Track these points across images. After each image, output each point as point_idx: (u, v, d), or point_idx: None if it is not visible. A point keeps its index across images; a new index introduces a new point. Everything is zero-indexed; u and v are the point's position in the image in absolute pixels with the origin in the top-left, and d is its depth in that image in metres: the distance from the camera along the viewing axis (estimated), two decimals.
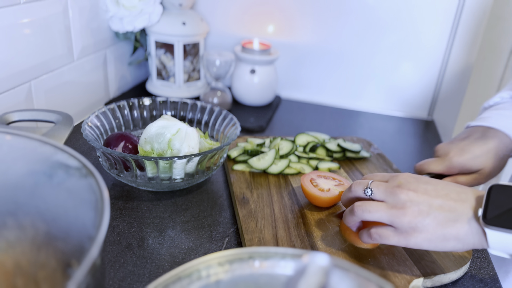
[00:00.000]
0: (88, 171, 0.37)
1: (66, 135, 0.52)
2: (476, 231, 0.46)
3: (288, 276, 0.34)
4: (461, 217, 0.47)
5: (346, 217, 0.56)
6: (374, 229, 0.52)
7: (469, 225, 0.46)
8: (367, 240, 0.53)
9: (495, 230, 0.44)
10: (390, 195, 0.50)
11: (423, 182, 0.50)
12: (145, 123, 0.81)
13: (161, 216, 0.65)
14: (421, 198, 0.49)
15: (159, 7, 0.98)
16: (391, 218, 0.49)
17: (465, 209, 0.47)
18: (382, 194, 0.51)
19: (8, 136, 0.41)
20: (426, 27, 1.04)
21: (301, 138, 0.84)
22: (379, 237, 0.51)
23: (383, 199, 0.51)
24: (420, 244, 0.48)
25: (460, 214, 0.47)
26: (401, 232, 0.49)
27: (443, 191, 0.49)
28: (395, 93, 1.12)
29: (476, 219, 0.46)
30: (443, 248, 0.48)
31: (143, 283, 0.52)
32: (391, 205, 0.50)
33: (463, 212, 0.47)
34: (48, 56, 0.81)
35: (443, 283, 0.55)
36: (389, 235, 0.50)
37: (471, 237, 0.47)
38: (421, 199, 0.49)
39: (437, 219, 0.47)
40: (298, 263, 0.34)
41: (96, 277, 0.32)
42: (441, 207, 0.48)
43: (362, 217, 0.52)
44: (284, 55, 1.15)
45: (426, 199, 0.48)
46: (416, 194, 0.49)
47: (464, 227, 0.47)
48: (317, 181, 0.68)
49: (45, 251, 0.41)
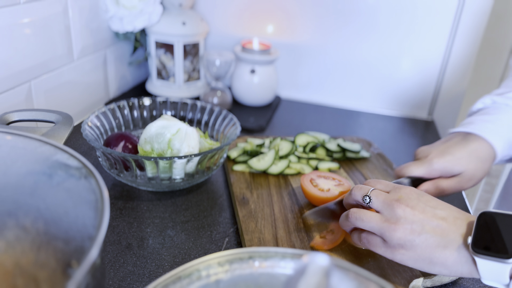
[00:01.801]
0: (88, 171, 0.37)
1: (66, 135, 0.52)
2: (466, 260, 0.45)
3: (288, 276, 0.34)
4: (452, 244, 0.46)
5: (341, 220, 0.56)
6: (365, 234, 0.52)
7: (458, 253, 0.46)
8: (356, 241, 0.54)
9: (484, 259, 0.43)
10: (387, 207, 0.50)
11: (424, 201, 0.50)
12: (145, 123, 0.81)
13: (161, 216, 0.65)
14: (416, 217, 0.48)
15: (159, 7, 0.98)
16: (382, 231, 0.49)
17: (457, 236, 0.46)
18: (380, 205, 0.51)
19: (8, 136, 0.41)
20: (426, 27, 1.04)
21: (301, 138, 0.84)
22: (368, 243, 0.52)
23: (380, 210, 0.51)
24: (406, 261, 0.48)
25: (451, 241, 0.46)
26: (389, 246, 0.49)
27: (442, 213, 0.48)
28: (395, 93, 1.12)
29: (466, 247, 0.45)
30: (429, 270, 0.48)
31: (143, 283, 0.52)
32: (385, 218, 0.49)
33: (455, 239, 0.46)
34: (48, 56, 0.81)
35: (443, 283, 0.55)
36: (377, 244, 0.51)
37: (459, 266, 0.46)
38: (416, 218, 0.48)
39: (427, 241, 0.47)
40: (298, 263, 0.34)
41: (96, 277, 0.32)
42: (434, 230, 0.47)
43: (355, 224, 0.52)
44: (284, 55, 1.15)
45: (421, 219, 0.48)
46: (413, 212, 0.48)
47: (453, 254, 0.46)
48: (317, 181, 0.68)
49: (45, 251, 0.41)
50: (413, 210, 0.48)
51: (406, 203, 0.49)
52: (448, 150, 0.64)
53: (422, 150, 0.68)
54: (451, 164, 0.63)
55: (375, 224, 0.50)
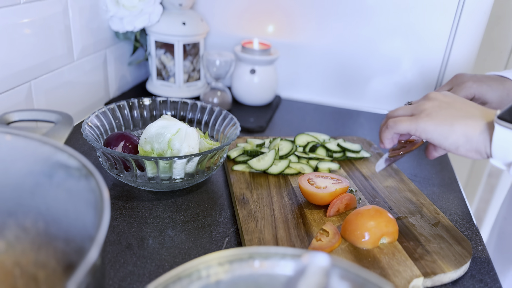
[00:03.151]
0: (88, 171, 0.37)
1: (66, 135, 0.52)
2: (484, 130, 0.49)
3: (288, 276, 0.34)
4: (474, 117, 0.51)
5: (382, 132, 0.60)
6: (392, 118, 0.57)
7: (479, 123, 0.50)
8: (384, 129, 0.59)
9: (503, 126, 0.47)
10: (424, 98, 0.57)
11: (454, 96, 0.56)
12: (145, 123, 0.81)
13: (161, 216, 0.65)
14: (446, 99, 0.55)
15: (159, 7, 0.98)
16: (413, 108, 0.56)
17: (482, 113, 0.51)
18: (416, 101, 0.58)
19: (8, 136, 0.41)
20: (426, 27, 1.04)
21: (301, 138, 0.84)
22: (393, 123, 0.56)
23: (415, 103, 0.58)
24: (428, 127, 0.53)
25: (474, 115, 0.51)
26: (415, 117, 0.54)
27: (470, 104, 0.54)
28: (395, 93, 1.12)
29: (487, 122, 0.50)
30: (447, 137, 0.51)
31: (143, 283, 0.52)
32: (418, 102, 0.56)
33: (479, 115, 0.51)
34: (48, 56, 0.81)
35: (443, 283, 0.55)
36: (403, 119, 0.55)
37: (476, 135, 0.50)
38: (446, 99, 0.55)
39: (452, 113, 0.52)
40: (298, 263, 0.34)
41: (96, 277, 0.32)
42: (461, 109, 0.52)
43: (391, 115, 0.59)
44: (284, 55, 1.15)
45: (449, 101, 0.54)
46: (444, 96, 0.55)
47: (473, 123, 0.50)
48: (314, 180, 0.68)
49: (45, 251, 0.41)
50: (444, 96, 0.56)
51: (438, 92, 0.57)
52: (486, 81, 0.72)
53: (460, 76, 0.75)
54: (484, 91, 0.71)
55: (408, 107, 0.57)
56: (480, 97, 0.71)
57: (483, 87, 0.71)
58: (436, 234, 0.62)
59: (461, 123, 0.51)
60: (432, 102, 0.55)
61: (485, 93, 0.71)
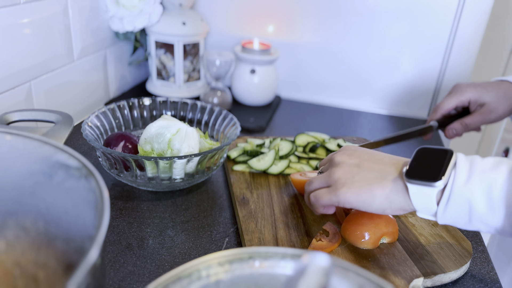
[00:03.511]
0: (88, 171, 0.37)
1: (66, 135, 0.52)
2: (401, 189, 0.49)
3: (288, 276, 0.34)
4: (388, 176, 0.50)
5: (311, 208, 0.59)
6: (312, 193, 0.57)
7: (395, 183, 0.49)
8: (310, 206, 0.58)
9: (415, 184, 0.47)
10: (329, 162, 0.57)
11: (360, 151, 0.56)
12: (145, 123, 0.81)
13: (161, 216, 0.65)
14: (354, 160, 0.54)
15: (159, 7, 0.98)
16: (326, 178, 0.55)
17: (393, 171, 0.51)
18: (325, 166, 0.58)
19: (8, 136, 0.41)
20: (426, 27, 1.04)
21: (301, 138, 0.84)
22: (315, 199, 0.56)
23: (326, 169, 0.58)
24: (349, 198, 0.51)
25: (387, 174, 0.51)
26: (333, 189, 0.53)
27: (377, 157, 0.54)
28: (395, 93, 1.12)
29: (401, 177, 0.49)
30: (371, 204, 0.50)
31: (143, 283, 0.52)
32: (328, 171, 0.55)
33: (391, 172, 0.51)
34: (48, 56, 0.81)
35: (443, 283, 0.55)
36: (322, 194, 0.54)
37: (396, 195, 0.49)
38: (353, 161, 0.54)
39: (365, 177, 0.51)
40: (298, 263, 0.34)
41: (96, 277, 0.32)
42: (371, 168, 0.52)
43: (309, 190, 0.58)
44: (284, 55, 1.15)
45: (358, 161, 0.53)
46: (350, 158, 0.54)
47: (390, 184, 0.50)
48: (306, 174, 0.71)
49: (45, 251, 0.41)
50: (350, 156, 0.55)
51: (343, 152, 0.56)
52: (481, 85, 0.74)
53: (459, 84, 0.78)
54: (479, 94, 0.72)
55: (321, 178, 0.56)
56: (476, 99, 0.73)
57: (478, 90, 0.73)
58: (436, 234, 0.62)
59: (379, 187, 0.50)
60: (341, 168, 0.53)
61: (480, 96, 0.72)
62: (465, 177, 0.45)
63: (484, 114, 0.73)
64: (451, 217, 0.47)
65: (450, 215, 0.47)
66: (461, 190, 0.45)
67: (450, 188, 0.46)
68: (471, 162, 0.46)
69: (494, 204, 0.44)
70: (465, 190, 0.45)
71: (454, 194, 0.45)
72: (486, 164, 0.45)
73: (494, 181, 0.44)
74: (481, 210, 0.44)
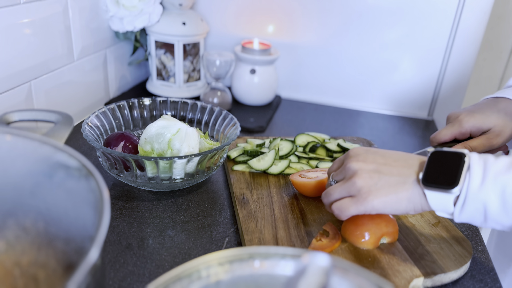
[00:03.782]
0: (88, 171, 0.37)
1: (66, 135, 0.52)
2: (421, 192, 0.50)
3: (288, 276, 0.34)
4: (408, 179, 0.51)
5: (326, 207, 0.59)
6: (334, 204, 0.55)
7: (415, 186, 0.50)
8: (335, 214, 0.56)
9: (431, 191, 0.48)
10: (344, 171, 0.55)
11: (372, 153, 0.55)
12: (145, 123, 0.81)
13: (161, 216, 0.65)
14: (370, 166, 0.53)
15: (159, 7, 0.98)
16: (347, 188, 0.53)
17: (412, 173, 0.51)
18: (340, 174, 0.56)
19: (8, 136, 0.41)
20: (426, 27, 1.04)
21: (301, 138, 0.84)
22: (339, 211, 0.54)
23: (341, 178, 0.56)
24: (377, 206, 0.51)
25: (407, 177, 0.51)
26: (358, 199, 0.52)
27: (391, 158, 0.53)
28: (395, 93, 1.12)
29: (418, 182, 0.50)
30: (398, 207, 0.51)
31: (143, 283, 0.52)
32: (346, 179, 0.54)
33: (410, 174, 0.51)
34: (48, 56, 0.81)
35: (444, 283, 0.55)
36: (348, 204, 0.53)
37: (418, 198, 0.50)
38: (370, 167, 0.53)
39: (388, 182, 0.51)
40: (298, 263, 0.34)
41: (96, 277, 0.32)
42: (391, 172, 0.52)
43: (329, 200, 0.56)
44: (284, 55, 1.15)
45: (375, 166, 0.53)
46: (365, 163, 0.53)
47: (411, 187, 0.50)
48: (305, 174, 0.71)
49: (45, 251, 0.41)
50: (365, 161, 0.53)
51: (357, 159, 0.54)
52: (478, 110, 0.68)
53: (453, 113, 0.72)
54: (480, 122, 0.67)
55: (340, 187, 0.54)
56: (478, 128, 0.67)
57: (476, 118, 0.67)
58: (436, 234, 0.62)
59: (403, 191, 0.51)
60: (361, 176, 0.52)
61: (481, 123, 0.67)
62: (479, 180, 0.46)
63: (491, 139, 0.67)
64: (467, 218, 0.49)
65: (466, 216, 0.48)
66: (476, 194, 0.46)
67: (465, 192, 0.47)
68: (485, 163, 0.47)
69: (508, 206, 0.45)
70: (479, 193, 0.46)
71: (469, 197, 0.47)
72: (499, 166, 0.47)
73: (507, 184, 0.45)
74: (496, 212, 0.46)
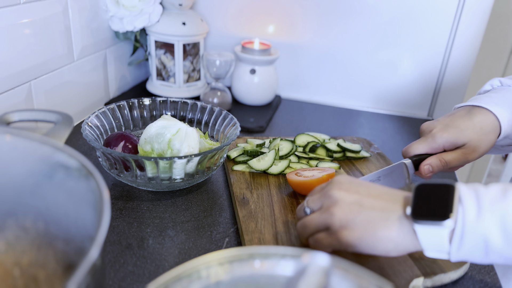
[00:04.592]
0: (88, 172, 0.37)
1: (66, 135, 0.52)
2: (407, 230, 0.45)
3: (288, 276, 0.34)
4: (392, 215, 0.46)
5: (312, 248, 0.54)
6: (311, 237, 0.52)
7: (400, 223, 0.46)
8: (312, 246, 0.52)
9: (423, 225, 0.44)
10: (323, 197, 0.51)
11: (356, 184, 0.50)
12: (145, 123, 0.81)
13: (161, 216, 0.65)
14: (352, 197, 0.48)
15: (159, 7, 0.98)
16: (324, 220, 0.49)
17: (396, 208, 0.47)
18: (317, 201, 0.52)
19: (8, 137, 0.41)
20: (426, 27, 1.04)
21: (301, 138, 0.84)
22: (315, 243, 0.51)
23: (319, 206, 0.51)
24: (352, 242, 0.48)
25: (391, 213, 0.46)
26: (334, 233, 0.49)
27: (375, 191, 0.49)
28: (395, 92, 1.12)
29: (405, 217, 0.46)
30: (375, 247, 0.47)
31: (143, 283, 0.52)
32: (324, 208, 0.50)
33: (394, 210, 0.47)
34: (48, 56, 0.81)
35: (444, 283, 0.55)
36: (323, 238, 0.50)
37: (402, 237, 0.46)
38: (352, 198, 0.48)
39: (368, 217, 0.47)
40: (298, 263, 0.34)
41: (96, 277, 0.32)
42: (373, 206, 0.47)
43: (305, 234, 0.52)
44: (284, 55, 1.15)
45: (357, 198, 0.48)
46: (348, 193, 0.49)
47: (395, 225, 0.46)
48: (301, 173, 0.71)
49: (45, 251, 0.41)
50: (347, 191, 0.49)
51: (339, 187, 0.50)
52: (452, 124, 0.65)
53: (427, 125, 0.68)
54: (454, 137, 0.64)
55: (316, 219, 0.50)
56: (453, 143, 0.64)
57: (450, 133, 0.64)
58: None
59: (382, 228, 0.46)
60: (340, 207, 0.48)
61: (456, 139, 0.64)
62: (474, 211, 0.43)
63: (466, 154, 0.64)
64: (466, 254, 0.44)
65: (464, 253, 0.44)
66: (474, 226, 0.43)
67: (461, 226, 0.43)
68: (476, 193, 0.44)
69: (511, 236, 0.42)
70: (478, 225, 0.42)
71: (467, 231, 0.43)
72: (493, 194, 0.44)
73: (506, 212, 0.42)
74: (498, 245, 0.42)
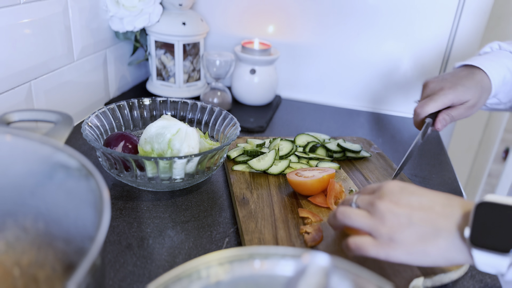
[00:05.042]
0: (88, 172, 0.37)
1: (66, 135, 0.52)
2: (460, 248, 0.44)
3: (288, 276, 0.34)
4: (443, 233, 0.44)
5: (329, 220, 0.55)
6: (352, 239, 0.49)
7: (453, 241, 0.44)
8: (346, 251, 0.51)
9: (481, 251, 0.42)
10: (371, 206, 0.49)
11: (408, 193, 0.48)
12: (145, 123, 0.81)
13: (161, 216, 0.65)
14: (401, 210, 0.47)
15: (159, 7, 0.98)
16: (370, 227, 0.48)
17: (449, 225, 0.45)
18: (365, 204, 0.51)
19: (8, 136, 0.41)
20: (426, 27, 1.04)
21: (301, 138, 0.84)
22: (357, 248, 0.49)
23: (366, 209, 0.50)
24: (400, 257, 0.46)
25: (442, 230, 0.45)
26: (380, 243, 0.47)
27: (428, 203, 0.47)
28: (396, 92, 1.12)
29: (461, 237, 0.44)
30: (424, 262, 0.46)
31: (143, 283, 0.52)
32: (374, 219, 0.48)
33: (446, 228, 0.44)
34: (48, 56, 0.81)
35: (444, 283, 0.55)
36: (368, 245, 0.48)
37: (454, 253, 0.44)
38: (401, 211, 0.47)
39: (417, 233, 0.45)
40: (298, 263, 0.34)
41: (96, 277, 0.32)
42: (423, 220, 0.46)
43: (343, 222, 0.51)
44: (284, 55, 1.15)
45: (406, 212, 0.46)
46: (397, 206, 0.47)
47: (446, 242, 0.44)
48: (301, 173, 0.71)
49: (45, 251, 0.41)
50: (397, 204, 0.47)
51: (389, 198, 0.48)
52: (460, 82, 0.74)
53: (433, 84, 0.76)
54: (462, 94, 0.72)
55: (364, 219, 0.49)
56: (459, 100, 0.73)
57: (460, 91, 0.72)
58: None
59: (433, 246, 0.44)
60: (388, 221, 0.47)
61: (462, 96, 0.72)
62: None
63: (468, 109, 0.74)
64: None
65: None
66: None
67: None
68: None
69: None
70: None
71: None
72: None
73: None
74: None
